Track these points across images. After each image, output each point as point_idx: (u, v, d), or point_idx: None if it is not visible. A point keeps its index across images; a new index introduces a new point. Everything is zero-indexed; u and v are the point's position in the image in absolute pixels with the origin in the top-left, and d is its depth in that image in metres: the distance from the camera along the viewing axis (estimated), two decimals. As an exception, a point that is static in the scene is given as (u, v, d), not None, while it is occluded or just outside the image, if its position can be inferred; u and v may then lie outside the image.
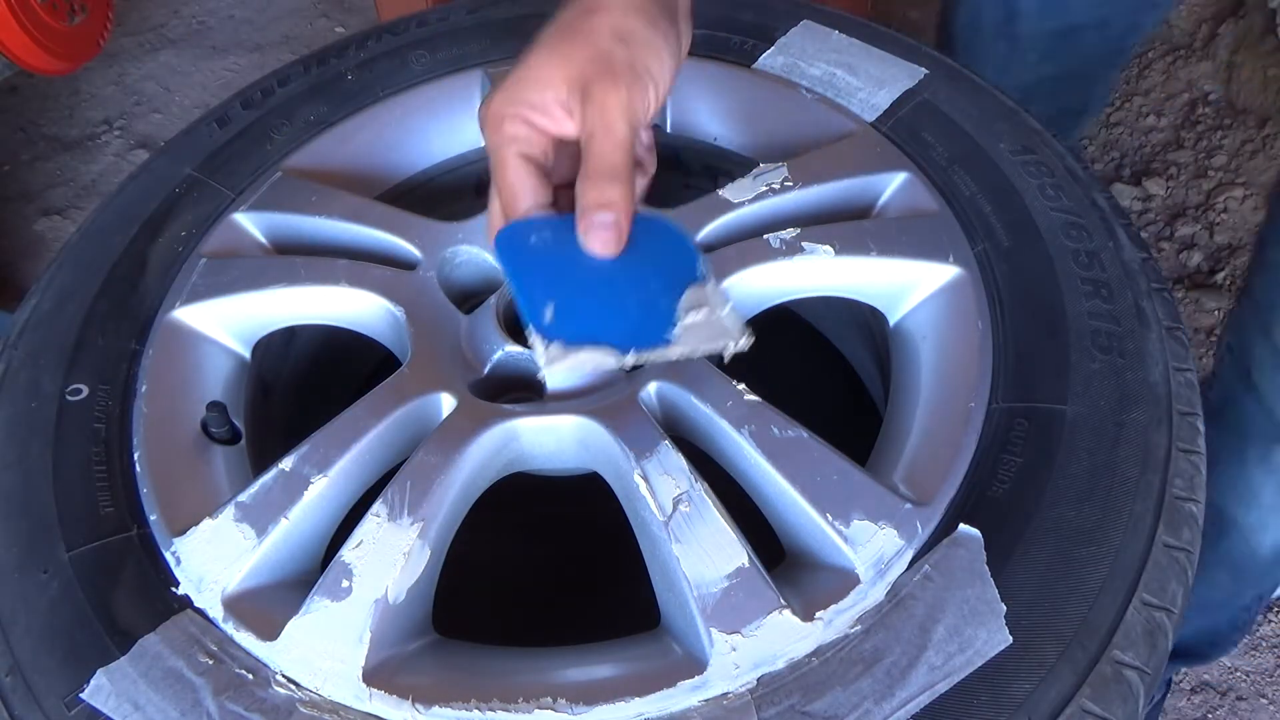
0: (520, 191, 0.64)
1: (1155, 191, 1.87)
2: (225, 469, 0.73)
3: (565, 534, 1.01)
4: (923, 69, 0.86)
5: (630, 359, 0.63)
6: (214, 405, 0.73)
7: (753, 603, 0.60)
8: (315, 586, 0.63)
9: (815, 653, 0.59)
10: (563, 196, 0.67)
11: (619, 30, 0.62)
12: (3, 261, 1.92)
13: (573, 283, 0.64)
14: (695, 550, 0.62)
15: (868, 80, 0.86)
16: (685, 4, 0.68)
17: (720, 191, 0.79)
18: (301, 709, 0.60)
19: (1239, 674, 1.42)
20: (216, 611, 0.64)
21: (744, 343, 0.64)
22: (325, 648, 0.61)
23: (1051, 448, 0.65)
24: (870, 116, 0.83)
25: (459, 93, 0.90)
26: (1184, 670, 1.43)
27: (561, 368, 0.62)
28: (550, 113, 0.63)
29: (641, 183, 0.70)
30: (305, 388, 0.91)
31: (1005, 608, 0.59)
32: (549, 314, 0.62)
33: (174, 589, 0.65)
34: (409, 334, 0.74)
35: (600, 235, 0.62)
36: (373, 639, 0.61)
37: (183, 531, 0.66)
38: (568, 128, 0.63)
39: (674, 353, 0.64)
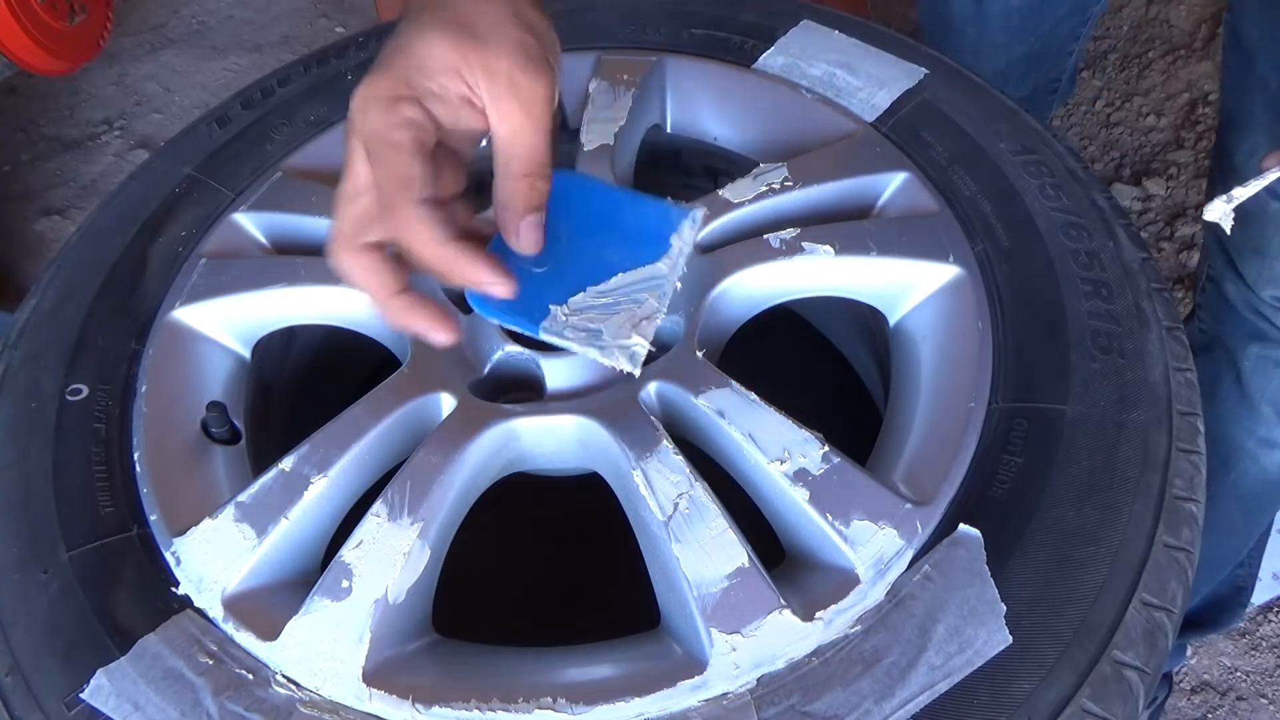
0: (420, 181, 0.55)
1: (1155, 191, 1.87)
2: (225, 469, 0.73)
3: (565, 534, 1.01)
4: (923, 69, 0.86)
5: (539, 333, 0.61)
6: (214, 405, 0.73)
7: (753, 603, 0.60)
8: (315, 586, 0.63)
9: (815, 653, 0.59)
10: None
11: (524, 19, 0.57)
12: (3, 261, 1.92)
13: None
14: (695, 550, 0.62)
15: (868, 80, 0.86)
16: None
17: (720, 191, 0.79)
18: (301, 709, 0.60)
19: (1239, 674, 1.42)
20: (216, 611, 0.64)
21: (626, 367, 0.61)
22: (325, 648, 0.61)
23: (1051, 448, 0.65)
24: (870, 116, 0.83)
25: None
26: (1184, 670, 1.43)
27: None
28: (449, 102, 0.56)
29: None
30: (305, 388, 0.91)
31: (1005, 608, 0.59)
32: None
33: (174, 589, 0.65)
34: (409, 334, 0.74)
35: (534, 236, 0.58)
36: (373, 639, 0.61)
37: (183, 531, 0.66)
38: (464, 122, 0.57)
39: (567, 343, 0.61)
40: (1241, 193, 0.71)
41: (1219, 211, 0.72)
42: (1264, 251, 0.98)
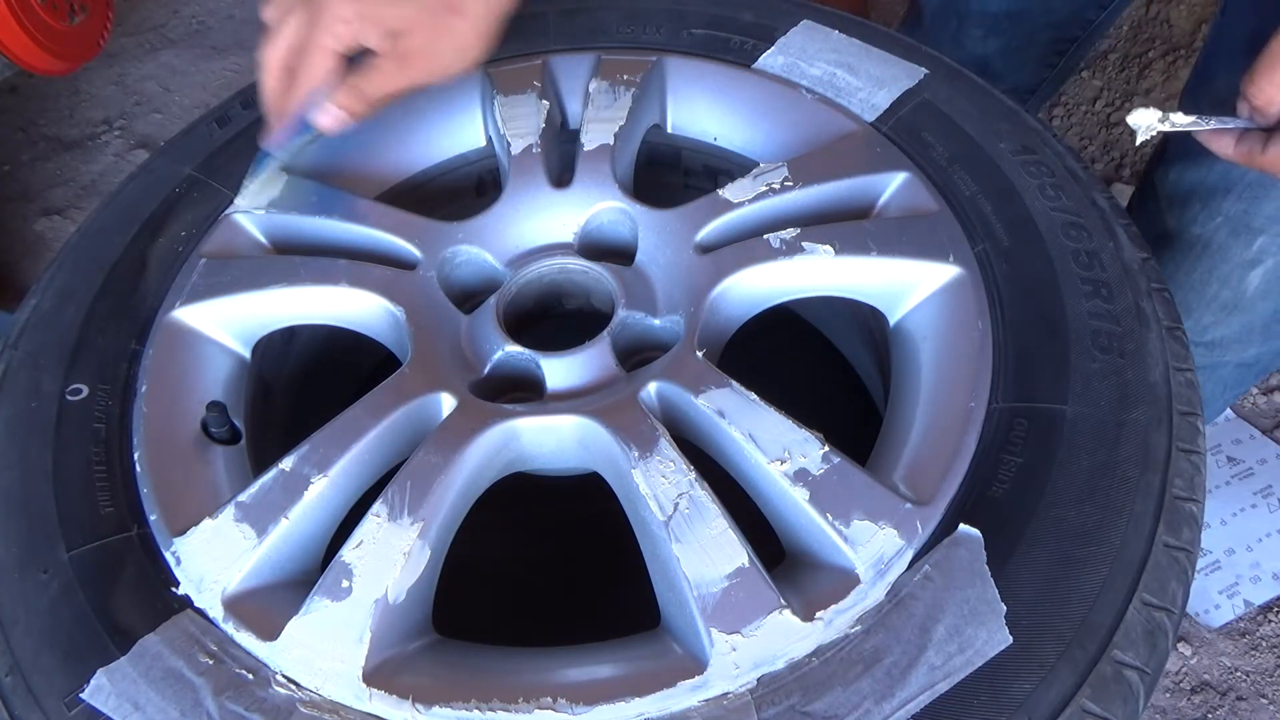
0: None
1: (1155, 191, 1.86)
2: (225, 469, 0.73)
3: (565, 534, 1.01)
4: (923, 69, 0.86)
5: None
6: (214, 405, 0.73)
7: (753, 603, 0.60)
8: (315, 586, 0.63)
9: (815, 653, 0.59)
10: None
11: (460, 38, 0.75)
12: (3, 261, 1.92)
13: None
14: (695, 550, 0.62)
15: (868, 80, 0.86)
16: None
17: (720, 191, 0.79)
18: (301, 709, 0.60)
19: (1239, 674, 1.42)
20: (216, 611, 0.64)
21: None
22: (325, 648, 0.61)
23: (1051, 448, 0.65)
24: (870, 116, 0.83)
25: (459, 93, 0.90)
26: (1185, 670, 1.42)
27: None
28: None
29: None
30: (305, 388, 0.91)
31: (1005, 608, 0.59)
32: None
33: (174, 589, 0.65)
34: (409, 334, 0.74)
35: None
36: (373, 639, 0.61)
37: (183, 531, 0.66)
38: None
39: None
40: (1181, 120, 0.71)
41: (1146, 119, 0.72)
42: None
